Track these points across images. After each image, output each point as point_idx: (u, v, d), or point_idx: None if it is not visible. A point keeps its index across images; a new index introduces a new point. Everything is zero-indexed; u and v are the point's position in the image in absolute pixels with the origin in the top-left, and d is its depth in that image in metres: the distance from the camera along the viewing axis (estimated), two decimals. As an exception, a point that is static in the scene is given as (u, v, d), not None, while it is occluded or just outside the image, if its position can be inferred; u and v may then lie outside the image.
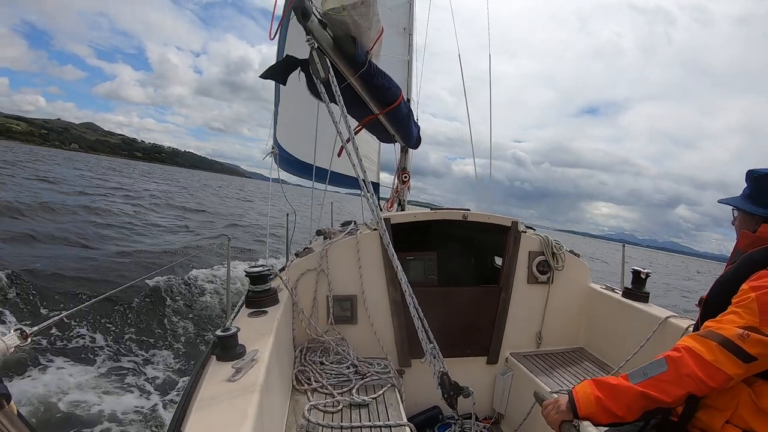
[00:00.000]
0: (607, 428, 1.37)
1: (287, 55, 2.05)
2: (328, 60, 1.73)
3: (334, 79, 1.69)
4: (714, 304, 1.37)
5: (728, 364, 1.14)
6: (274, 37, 1.79)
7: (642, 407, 1.22)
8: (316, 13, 1.74)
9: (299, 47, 1.85)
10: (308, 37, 1.66)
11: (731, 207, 1.58)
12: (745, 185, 1.53)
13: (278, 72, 2.13)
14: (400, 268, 1.79)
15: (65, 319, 5.37)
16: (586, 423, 1.28)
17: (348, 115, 1.77)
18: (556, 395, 1.50)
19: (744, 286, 1.27)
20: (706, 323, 1.27)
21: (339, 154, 2.93)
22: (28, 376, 4.26)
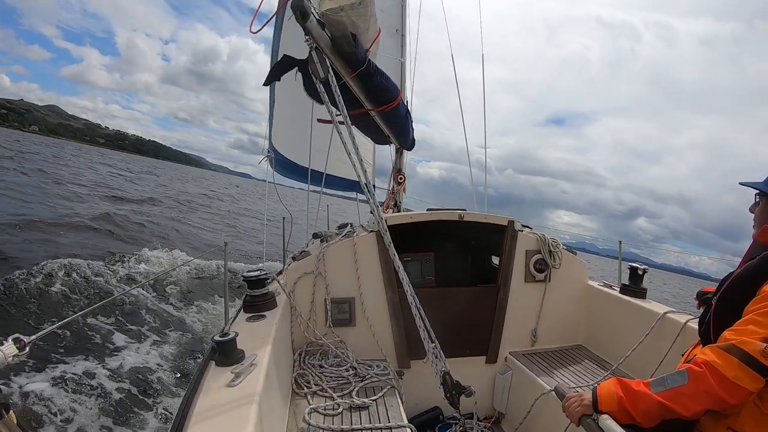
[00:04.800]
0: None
1: (285, 56, 2.05)
2: (327, 60, 1.73)
3: (334, 79, 1.69)
4: (730, 303, 1.32)
5: (749, 380, 1.12)
6: (258, 31, 1.76)
7: (659, 416, 1.21)
8: (315, 13, 1.74)
9: (294, 47, 1.85)
10: (307, 37, 1.66)
11: (755, 192, 1.48)
12: None
13: (276, 74, 2.13)
14: (401, 268, 1.79)
15: (62, 327, 5.33)
16: (605, 416, 1.28)
17: (348, 115, 1.77)
18: (576, 390, 1.50)
19: (765, 287, 1.22)
20: (726, 334, 1.23)
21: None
22: (27, 385, 4.22)
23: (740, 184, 1.52)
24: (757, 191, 1.48)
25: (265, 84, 2.23)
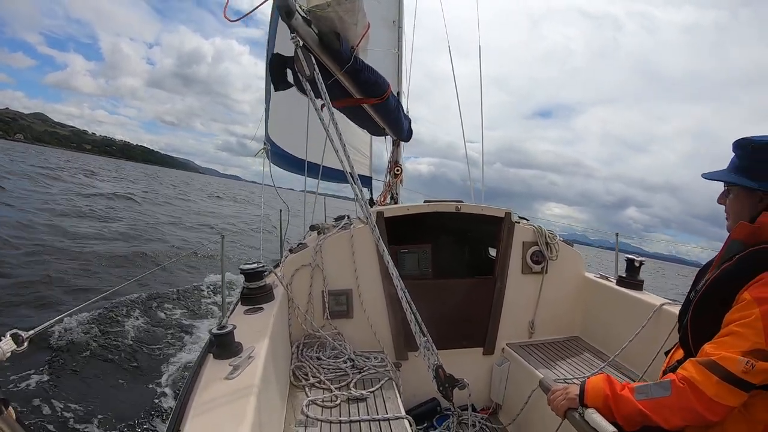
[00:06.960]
0: None
1: (275, 54, 2.04)
2: (313, 57, 1.73)
3: (320, 76, 1.69)
4: (707, 310, 1.27)
5: (730, 396, 1.09)
6: (236, 20, 1.73)
7: (640, 423, 1.20)
8: (300, 11, 1.73)
9: (290, 45, 1.86)
10: (293, 35, 1.66)
11: (724, 184, 1.37)
12: (734, 157, 1.33)
13: (279, 77, 2.13)
14: (391, 262, 1.79)
15: (61, 321, 5.36)
16: (591, 410, 1.28)
17: (335, 110, 1.76)
18: (562, 383, 1.50)
19: (745, 295, 1.16)
20: (707, 348, 1.18)
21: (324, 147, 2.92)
22: (25, 381, 4.24)
23: (703, 176, 1.39)
24: (725, 183, 1.37)
25: (276, 89, 2.25)
